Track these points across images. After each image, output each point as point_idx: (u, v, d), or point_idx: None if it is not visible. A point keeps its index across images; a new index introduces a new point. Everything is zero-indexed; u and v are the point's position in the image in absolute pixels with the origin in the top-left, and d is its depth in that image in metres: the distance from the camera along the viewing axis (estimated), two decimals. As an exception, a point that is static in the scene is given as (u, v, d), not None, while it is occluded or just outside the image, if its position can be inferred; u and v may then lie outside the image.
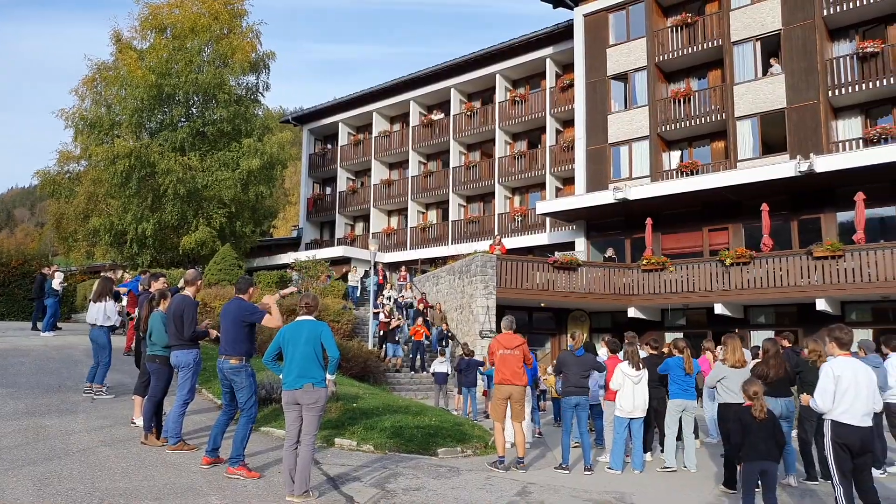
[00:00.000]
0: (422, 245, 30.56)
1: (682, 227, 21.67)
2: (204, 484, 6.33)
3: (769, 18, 21.03)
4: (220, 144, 27.85)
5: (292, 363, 6.15)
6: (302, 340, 6.16)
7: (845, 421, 5.43)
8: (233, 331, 6.80)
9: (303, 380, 6.06)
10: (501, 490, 7.03)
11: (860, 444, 5.41)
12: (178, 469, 6.76)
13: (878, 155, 17.08)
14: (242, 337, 6.81)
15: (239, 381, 6.77)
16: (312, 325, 6.27)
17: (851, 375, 5.54)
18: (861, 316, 18.26)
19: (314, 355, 6.14)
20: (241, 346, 6.79)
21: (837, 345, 5.79)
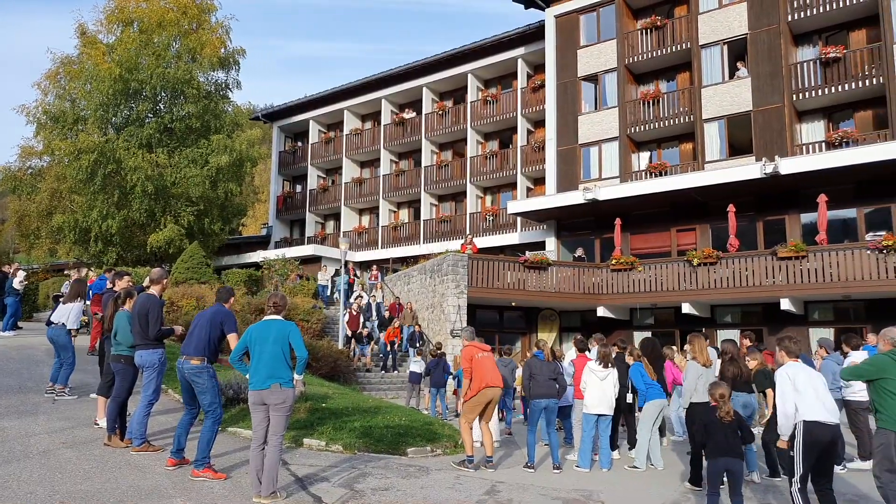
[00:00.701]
0: (393, 244, 30.47)
1: (651, 227, 21.97)
2: (169, 486, 6.22)
3: (736, 23, 21.42)
4: (188, 141, 27.42)
5: (259, 363, 6.08)
6: (270, 340, 6.09)
7: (816, 419, 5.56)
8: (203, 334, 6.72)
9: (270, 380, 5.99)
10: (470, 489, 7.04)
11: (829, 441, 5.55)
12: (143, 471, 6.63)
13: (839, 158, 17.51)
14: (211, 341, 6.75)
15: (201, 384, 6.68)
16: (280, 325, 6.21)
17: (805, 377, 5.70)
18: (823, 315, 18.71)
19: (282, 355, 6.07)
20: (206, 349, 6.72)
21: (786, 353, 5.99)
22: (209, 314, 6.88)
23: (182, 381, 6.82)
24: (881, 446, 5.67)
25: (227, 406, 9.52)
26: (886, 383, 5.69)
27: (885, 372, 5.73)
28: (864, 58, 19.40)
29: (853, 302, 18.00)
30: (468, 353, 8.45)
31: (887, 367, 5.74)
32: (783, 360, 6.04)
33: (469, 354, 8.42)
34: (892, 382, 5.66)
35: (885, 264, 16.19)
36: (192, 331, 6.82)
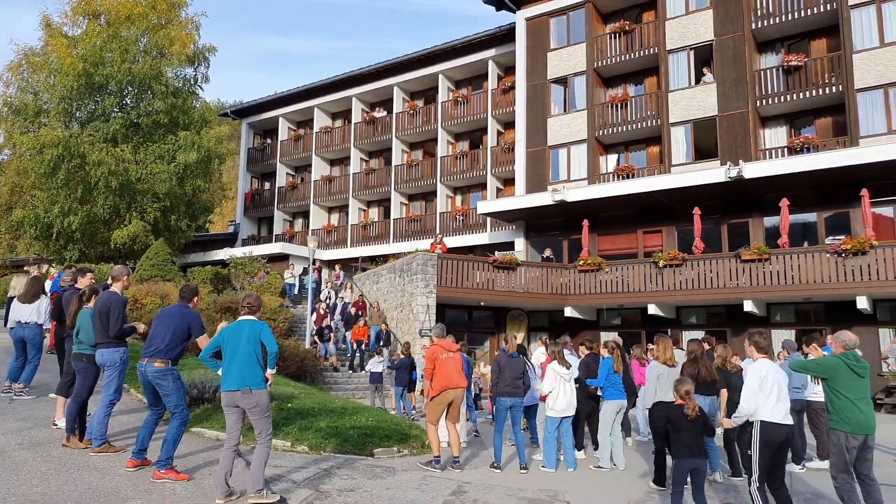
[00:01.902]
0: (363, 243, 30.34)
1: (618, 229, 22.25)
2: (129, 487, 6.10)
3: (702, 29, 21.82)
4: (155, 137, 26.94)
5: (231, 364, 6.00)
6: (242, 340, 6.02)
7: (773, 420, 5.70)
8: (169, 336, 6.59)
9: (242, 382, 5.92)
10: (437, 490, 7.04)
11: (783, 441, 5.69)
12: (103, 472, 6.49)
13: (801, 163, 17.96)
14: (176, 344, 6.63)
15: (165, 386, 6.56)
16: (252, 325, 6.14)
17: (773, 377, 5.82)
18: (785, 317, 19.17)
19: (254, 356, 6.00)
20: (171, 352, 6.60)
21: (756, 349, 6.06)
22: (173, 314, 6.74)
23: (144, 383, 6.69)
24: (835, 446, 5.83)
25: (191, 406, 9.36)
26: (837, 385, 5.85)
27: (834, 373, 5.87)
28: (824, 66, 19.93)
29: (814, 304, 18.47)
30: (432, 353, 8.41)
31: (836, 368, 5.88)
32: (753, 356, 6.11)
33: (432, 355, 8.38)
34: (842, 384, 5.82)
35: (844, 267, 16.66)
36: (153, 331, 6.67)
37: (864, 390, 5.85)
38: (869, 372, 5.93)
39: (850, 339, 6.07)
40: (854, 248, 16.46)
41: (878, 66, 18.81)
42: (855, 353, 5.99)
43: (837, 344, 6.10)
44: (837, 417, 5.82)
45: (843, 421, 5.77)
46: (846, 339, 6.05)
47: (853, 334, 6.16)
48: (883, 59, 18.77)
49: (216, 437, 8.40)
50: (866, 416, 5.75)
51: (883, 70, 18.73)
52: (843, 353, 5.99)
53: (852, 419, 5.72)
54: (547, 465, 8.54)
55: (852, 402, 5.76)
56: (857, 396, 5.78)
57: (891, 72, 18.61)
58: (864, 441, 5.75)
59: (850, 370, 5.84)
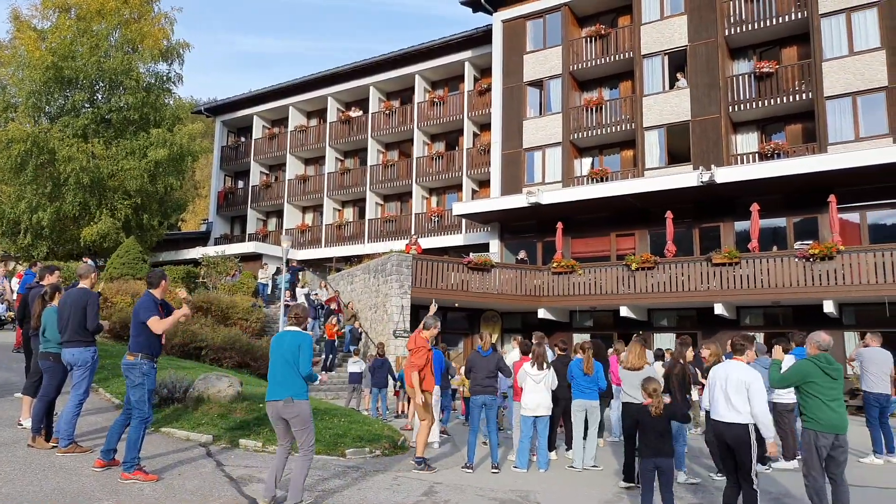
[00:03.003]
0: (337, 243, 30.18)
1: (592, 231, 22.43)
2: (97, 488, 5.99)
3: (677, 35, 22.12)
4: (126, 133, 26.50)
5: (274, 374, 6.03)
6: (283, 351, 6.02)
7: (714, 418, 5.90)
8: (133, 327, 6.59)
9: (284, 392, 5.92)
10: (408, 490, 7.03)
11: (729, 440, 5.81)
12: (69, 473, 6.36)
13: (771, 169, 18.29)
14: (137, 332, 6.54)
15: (131, 379, 6.46)
16: (293, 336, 6.12)
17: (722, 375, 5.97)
18: (754, 320, 19.50)
19: (295, 366, 5.98)
20: (136, 341, 6.52)
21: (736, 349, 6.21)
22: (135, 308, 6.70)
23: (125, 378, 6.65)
24: (806, 445, 5.96)
25: (161, 406, 9.24)
26: (809, 387, 5.98)
27: (809, 376, 6.01)
28: (794, 73, 20.34)
29: (782, 307, 18.82)
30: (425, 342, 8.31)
31: (810, 371, 6.02)
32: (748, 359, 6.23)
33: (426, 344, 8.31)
34: (814, 386, 5.95)
35: (812, 272, 17.00)
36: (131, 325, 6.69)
37: (837, 392, 5.98)
38: (841, 374, 6.07)
39: (823, 341, 6.20)
40: (821, 253, 16.81)
41: (847, 74, 19.25)
42: (827, 355, 6.12)
43: (812, 345, 6.24)
44: (808, 417, 5.96)
45: (813, 420, 5.90)
46: (820, 341, 6.19)
47: (827, 336, 6.29)
48: (851, 68, 19.22)
49: (186, 438, 8.28)
50: (838, 415, 5.88)
51: (851, 78, 19.17)
52: (815, 356, 6.12)
53: (822, 419, 5.85)
54: (519, 466, 8.56)
55: (823, 403, 5.89)
56: (830, 398, 5.91)
57: (858, 80, 19.06)
58: (835, 441, 5.85)
59: (822, 373, 5.96)
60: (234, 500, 6.12)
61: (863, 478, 8.08)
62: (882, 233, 18.24)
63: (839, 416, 5.87)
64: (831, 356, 6.12)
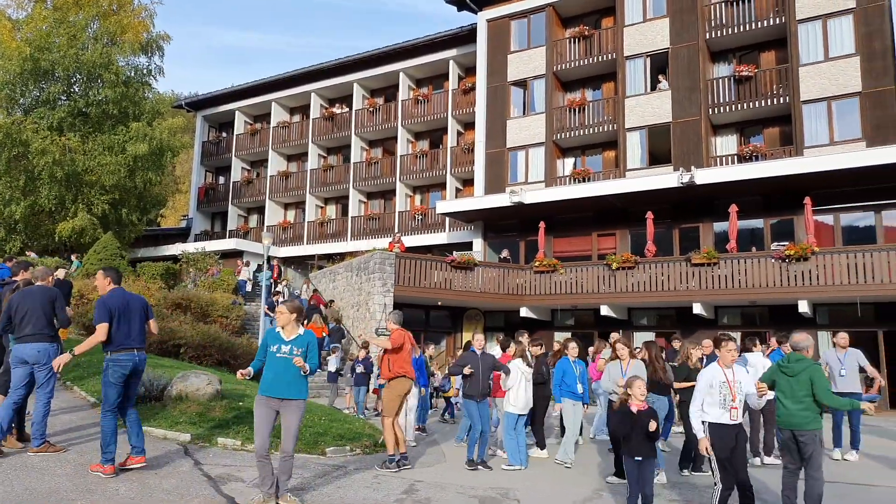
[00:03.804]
0: (319, 240, 30.03)
1: (574, 231, 22.57)
2: (70, 488, 5.90)
3: (659, 37, 22.30)
4: (104, 127, 26.15)
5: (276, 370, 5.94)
6: (290, 348, 5.98)
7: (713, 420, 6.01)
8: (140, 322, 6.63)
9: (292, 390, 5.91)
10: (389, 489, 7.02)
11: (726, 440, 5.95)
12: (41, 473, 6.27)
13: (750, 171, 18.53)
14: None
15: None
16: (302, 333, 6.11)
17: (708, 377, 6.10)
18: (732, 319, 19.74)
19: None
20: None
21: None
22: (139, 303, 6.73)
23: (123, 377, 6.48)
24: (780, 442, 6.21)
25: (138, 404, 9.09)
26: (776, 387, 6.23)
27: (773, 375, 6.30)
28: (773, 77, 20.60)
29: (759, 307, 19.08)
30: (401, 339, 8.19)
31: (773, 373, 6.32)
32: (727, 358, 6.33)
33: (400, 341, 8.17)
34: (779, 386, 6.20)
35: (788, 272, 17.26)
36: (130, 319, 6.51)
37: (792, 389, 6.12)
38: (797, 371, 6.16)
39: (795, 342, 6.38)
40: (797, 254, 17.07)
41: (823, 79, 19.54)
42: (794, 355, 6.27)
43: (786, 346, 6.45)
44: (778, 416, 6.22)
45: (781, 419, 6.17)
46: (797, 342, 6.39)
47: (802, 336, 6.43)
48: (827, 73, 19.52)
49: (164, 436, 8.20)
50: (788, 412, 6.08)
51: (826, 83, 19.47)
52: (786, 355, 6.38)
53: (780, 415, 6.16)
54: (513, 463, 8.55)
55: (779, 400, 6.17)
56: (784, 395, 6.14)
57: (833, 85, 19.36)
58: (792, 436, 6.03)
59: (781, 372, 6.22)
60: (211, 499, 6.06)
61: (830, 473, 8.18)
62: (855, 234, 18.56)
63: (789, 413, 6.06)
64: (801, 355, 6.25)
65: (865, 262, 16.47)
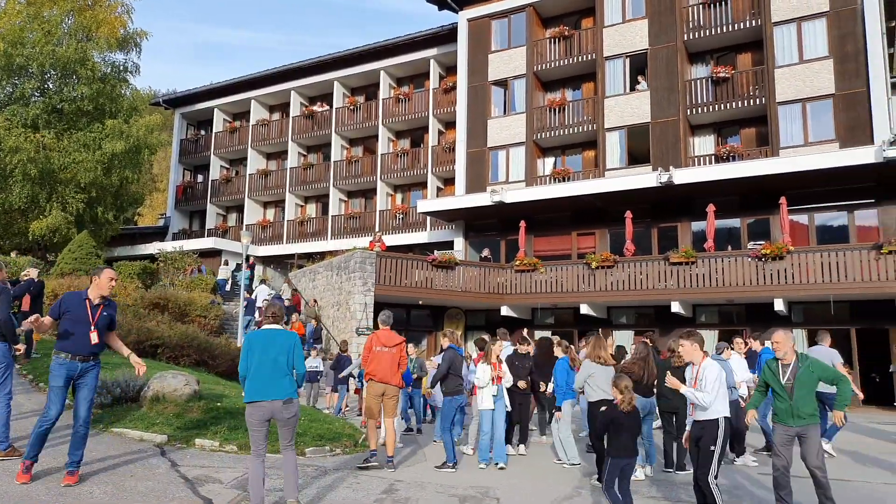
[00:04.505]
0: (299, 239, 29.86)
1: (554, 230, 22.69)
2: (42, 491, 5.80)
3: (638, 38, 22.48)
4: (80, 124, 25.73)
5: (262, 373, 5.77)
6: (276, 349, 5.84)
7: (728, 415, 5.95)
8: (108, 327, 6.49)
9: (281, 392, 5.75)
10: (368, 488, 7.00)
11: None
12: (12, 476, 6.14)
13: (727, 171, 18.77)
14: None
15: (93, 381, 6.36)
16: (286, 336, 5.99)
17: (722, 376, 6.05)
18: (709, 317, 19.98)
19: (287, 367, 5.85)
20: None
21: (700, 347, 6.25)
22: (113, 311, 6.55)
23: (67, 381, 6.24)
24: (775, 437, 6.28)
25: (114, 405, 9.03)
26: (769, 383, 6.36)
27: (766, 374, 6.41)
28: (749, 79, 20.87)
29: (735, 305, 19.33)
30: (370, 342, 8.28)
31: (765, 369, 6.43)
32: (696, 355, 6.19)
33: (370, 344, 8.26)
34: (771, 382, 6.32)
35: (764, 271, 17.51)
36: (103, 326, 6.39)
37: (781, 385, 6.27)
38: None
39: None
40: (772, 253, 17.32)
41: (797, 81, 19.84)
42: None
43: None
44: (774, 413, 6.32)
45: (775, 413, 6.29)
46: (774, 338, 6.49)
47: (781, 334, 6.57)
48: (801, 75, 19.82)
49: (140, 438, 8.10)
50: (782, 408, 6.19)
51: (801, 85, 19.77)
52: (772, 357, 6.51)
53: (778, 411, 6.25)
54: (498, 461, 8.55)
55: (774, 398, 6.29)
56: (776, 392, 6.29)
57: (808, 87, 19.67)
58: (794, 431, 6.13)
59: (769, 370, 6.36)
60: (188, 500, 6.00)
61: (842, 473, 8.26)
62: (829, 234, 18.89)
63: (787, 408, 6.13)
64: None
65: (839, 261, 16.76)
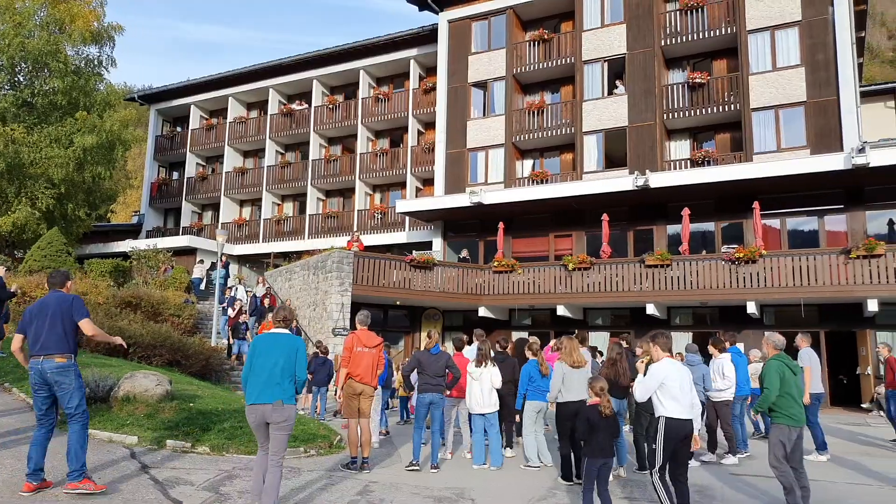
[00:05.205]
0: (276, 238, 29.61)
1: (532, 232, 22.79)
2: (6, 493, 5.67)
3: (616, 42, 22.67)
4: (52, 118, 25.23)
5: (261, 376, 5.73)
6: (277, 353, 5.80)
7: (677, 416, 6.00)
8: (59, 326, 5.98)
9: (273, 395, 5.68)
10: (342, 490, 6.97)
11: (684, 435, 6.02)
12: (-22, 479, 6.01)
13: (702, 175, 19.02)
14: (70, 332, 6.06)
15: (67, 384, 5.93)
16: (290, 340, 5.95)
17: (676, 376, 6.11)
18: (684, 320, 20.22)
19: (289, 370, 5.79)
20: (68, 343, 6.01)
21: (661, 349, 6.34)
22: (53, 303, 6.04)
23: (40, 387, 5.95)
24: (777, 439, 6.35)
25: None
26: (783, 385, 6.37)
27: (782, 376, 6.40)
28: (724, 85, 21.17)
29: (709, 308, 19.59)
30: (350, 343, 8.20)
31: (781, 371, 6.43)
32: (658, 356, 6.31)
33: (350, 345, 8.18)
34: (784, 384, 6.36)
35: (737, 274, 17.77)
36: (39, 326, 5.98)
37: (801, 387, 6.42)
38: (799, 369, 6.50)
39: (780, 341, 6.64)
40: (745, 257, 17.59)
41: (771, 88, 20.18)
42: (784, 354, 6.51)
43: (769, 346, 6.67)
44: (781, 413, 6.36)
45: (786, 416, 6.34)
46: (776, 341, 6.61)
47: (781, 336, 6.72)
48: (774, 82, 20.16)
49: (109, 439, 7.98)
50: (802, 410, 6.39)
51: (774, 92, 20.11)
52: (778, 355, 6.56)
53: (794, 414, 6.33)
54: (476, 463, 8.59)
55: (794, 399, 6.35)
56: (798, 393, 6.39)
57: (780, 94, 20.01)
58: (800, 433, 6.36)
59: (789, 369, 6.42)
60: (158, 503, 5.91)
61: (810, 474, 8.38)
62: (800, 238, 19.24)
63: (803, 411, 6.39)
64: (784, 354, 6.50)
65: (809, 265, 17.08)
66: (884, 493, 7.68)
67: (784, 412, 6.35)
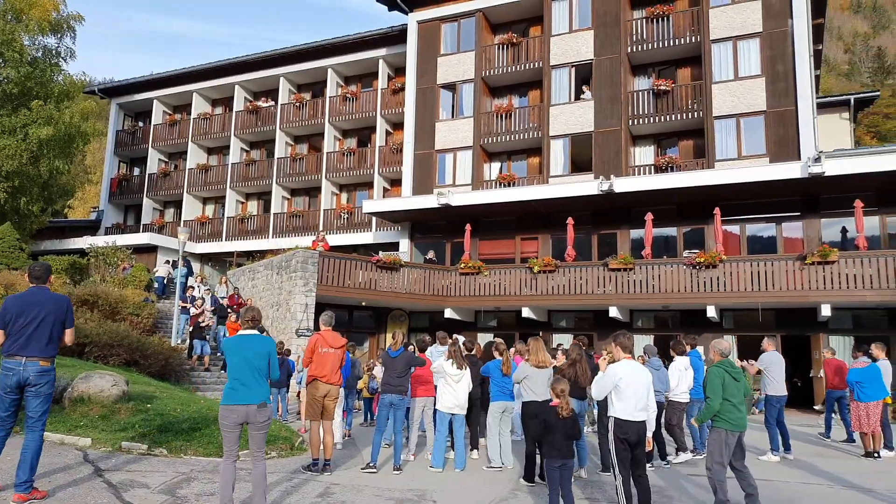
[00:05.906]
0: (239, 237, 29.18)
1: (498, 234, 22.88)
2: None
3: (584, 48, 22.93)
4: (5, 109, 24.41)
5: (240, 377, 5.74)
6: (252, 355, 5.80)
7: (625, 417, 6.06)
8: (51, 330, 5.79)
9: (257, 396, 5.73)
10: (303, 492, 6.88)
11: (636, 437, 6.08)
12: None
13: (665, 181, 19.34)
14: (57, 337, 5.89)
15: (45, 391, 5.76)
16: (263, 341, 5.96)
17: (631, 378, 6.18)
18: (646, 323, 20.52)
19: (264, 372, 5.84)
20: (55, 348, 5.86)
21: (622, 349, 6.42)
22: (49, 304, 5.87)
23: (12, 389, 5.68)
24: (716, 442, 6.47)
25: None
26: (725, 392, 6.50)
27: (722, 383, 6.54)
28: (688, 93, 21.58)
29: (671, 311, 19.92)
30: (313, 343, 8.12)
31: (723, 379, 6.56)
32: (619, 356, 6.40)
33: (313, 345, 8.10)
34: (725, 390, 6.49)
35: (698, 279, 18.10)
36: (26, 323, 5.72)
37: (742, 393, 6.53)
38: (742, 376, 6.60)
39: (725, 348, 6.76)
40: (706, 262, 17.93)
41: (733, 97, 20.64)
42: (730, 360, 6.62)
43: (715, 353, 6.81)
44: (721, 418, 6.48)
45: (725, 420, 6.46)
46: (722, 349, 6.74)
47: (727, 342, 6.83)
48: (736, 91, 20.63)
49: (61, 441, 7.74)
50: (743, 415, 6.51)
51: (736, 101, 20.58)
52: (720, 362, 6.71)
53: (733, 419, 6.45)
54: (435, 465, 8.53)
55: (733, 405, 6.47)
56: (738, 400, 6.51)
57: (742, 103, 20.49)
58: (740, 437, 6.49)
59: (730, 377, 6.55)
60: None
61: (763, 473, 8.61)
62: (758, 244, 19.70)
63: (743, 416, 6.52)
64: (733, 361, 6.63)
65: (767, 271, 17.49)
66: (835, 493, 7.89)
67: (724, 417, 6.49)
